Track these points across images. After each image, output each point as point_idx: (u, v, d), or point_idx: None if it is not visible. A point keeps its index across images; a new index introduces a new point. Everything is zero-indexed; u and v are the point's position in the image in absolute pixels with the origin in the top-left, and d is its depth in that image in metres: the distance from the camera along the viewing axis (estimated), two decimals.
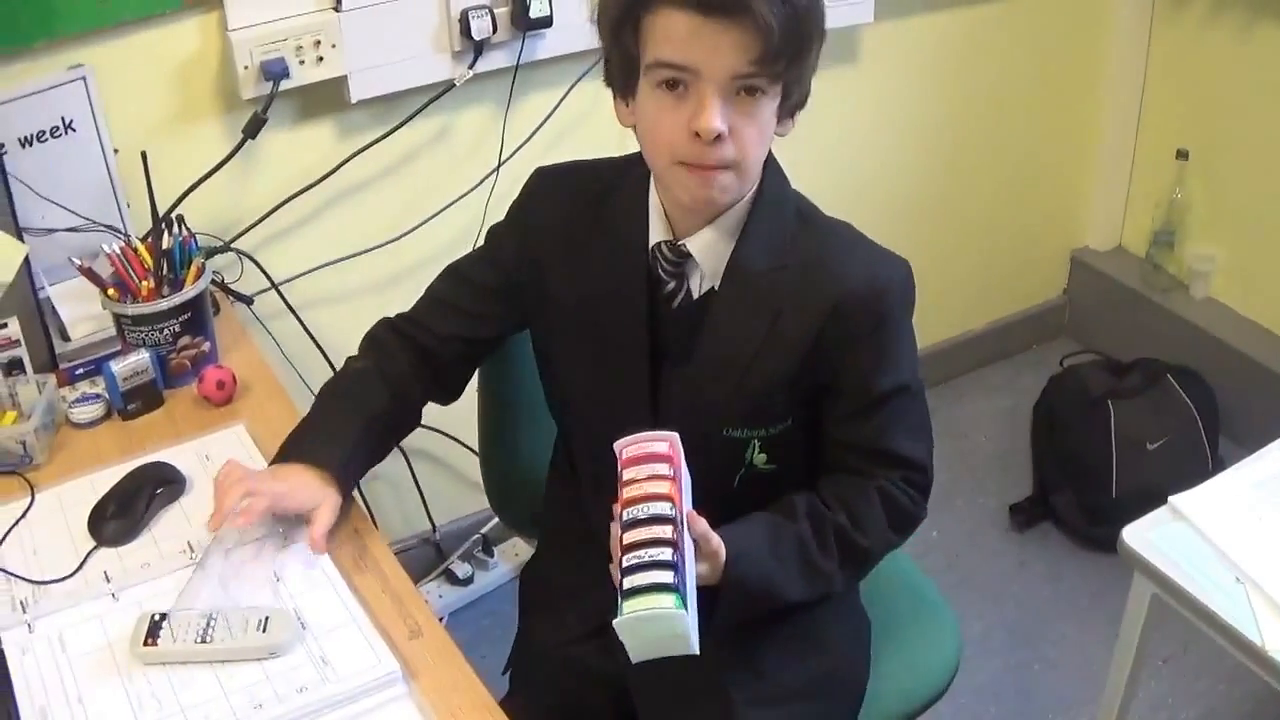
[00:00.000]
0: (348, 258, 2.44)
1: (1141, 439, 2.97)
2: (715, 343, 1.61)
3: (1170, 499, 1.82)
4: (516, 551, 2.88)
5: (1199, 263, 3.35)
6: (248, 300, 2.31)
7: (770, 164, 1.60)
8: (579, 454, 1.83)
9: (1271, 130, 3.10)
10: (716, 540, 1.48)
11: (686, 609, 1.31)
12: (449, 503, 2.85)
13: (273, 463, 1.68)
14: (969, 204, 3.35)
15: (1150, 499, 2.91)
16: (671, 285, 1.62)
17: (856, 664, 1.83)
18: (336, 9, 2.21)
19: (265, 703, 1.41)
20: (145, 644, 1.45)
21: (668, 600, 1.30)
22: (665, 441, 1.43)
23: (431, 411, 2.56)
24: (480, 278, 1.79)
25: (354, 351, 1.81)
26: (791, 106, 1.53)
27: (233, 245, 2.30)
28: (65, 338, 2.05)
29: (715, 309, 1.61)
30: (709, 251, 1.59)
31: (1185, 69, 3.25)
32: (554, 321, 1.73)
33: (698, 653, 1.34)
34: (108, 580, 1.59)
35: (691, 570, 1.38)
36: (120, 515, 1.67)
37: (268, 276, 2.35)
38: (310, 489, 1.64)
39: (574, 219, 1.68)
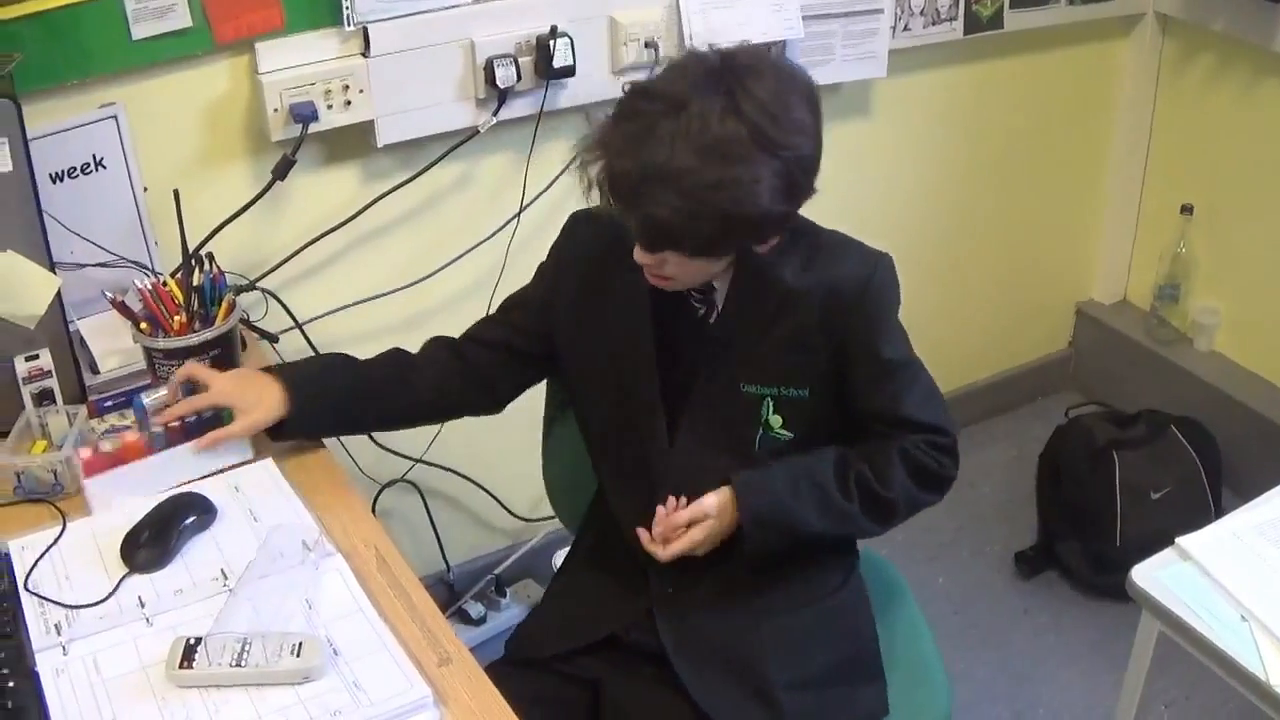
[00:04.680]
0: (370, 299, 2.48)
1: (1146, 489, 3.00)
2: (730, 318, 1.81)
3: (1177, 540, 1.85)
4: (529, 593, 2.91)
5: (1203, 316, 3.40)
6: (273, 338, 2.35)
7: None
8: (602, 451, 1.98)
9: (1275, 185, 3.15)
10: (707, 502, 1.78)
11: None
12: (463, 543, 2.88)
13: None
14: (976, 257, 3.40)
15: (1155, 548, 2.94)
16: (702, 310, 1.83)
17: (876, 651, 1.94)
18: (365, 55, 2.26)
19: None
20: (180, 666, 1.48)
21: None
22: None
23: (449, 452, 2.61)
24: (525, 298, 1.96)
25: None
26: (736, 249, 1.72)
27: (258, 284, 2.34)
28: (95, 370, 2.08)
29: (730, 290, 1.80)
30: (727, 278, 1.80)
31: (1189, 126, 3.31)
32: (575, 353, 1.91)
33: None
34: (142, 605, 1.62)
35: None
36: (153, 543, 1.70)
37: (291, 316, 2.39)
38: (256, 396, 1.86)
39: (598, 260, 1.86)
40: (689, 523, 1.78)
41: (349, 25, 2.22)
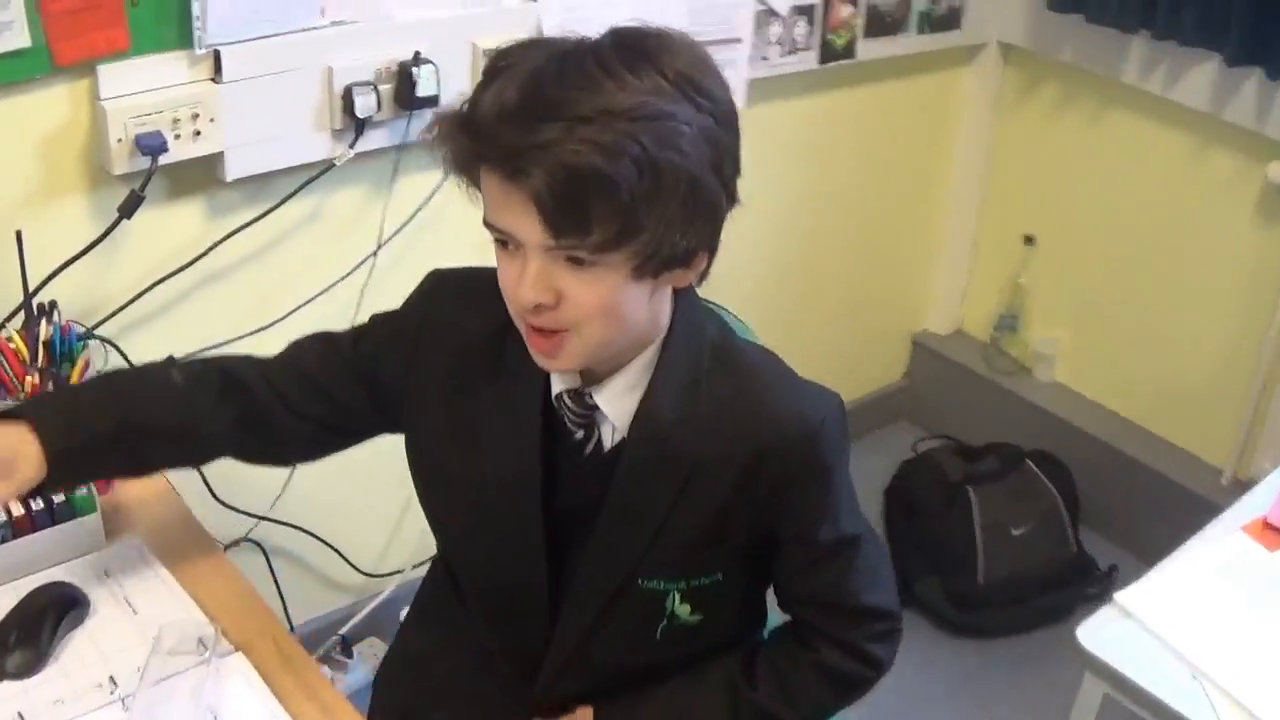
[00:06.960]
0: (215, 346, 2.25)
1: (1006, 525, 2.96)
2: (626, 496, 1.45)
3: (1115, 596, 1.78)
4: (375, 652, 2.72)
5: (1043, 346, 3.40)
6: None
7: (682, 302, 1.44)
8: (464, 581, 1.65)
9: (1115, 216, 3.17)
10: None
11: None
12: (307, 601, 2.66)
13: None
14: (816, 288, 3.34)
15: (1018, 585, 2.96)
16: (580, 435, 1.46)
17: None
18: (215, 80, 2.05)
19: None
20: None
21: None
22: None
23: (293, 506, 2.47)
24: (354, 361, 1.56)
25: None
26: (659, 266, 1.30)
27: (95, 332, 2.10)
28: None
29: (625, 462, 1.44)
30: (617, 401, 1.43)
31: (1031, 156, 3.32)
32: (437, 456, 1.55)
33: None
34: None
35: None
36: (24, 644, 1.49)
37: (132, 367, 2.15)
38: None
39: (473, 350, 1.49)
40: None
41: (199, 48, 2.01)
